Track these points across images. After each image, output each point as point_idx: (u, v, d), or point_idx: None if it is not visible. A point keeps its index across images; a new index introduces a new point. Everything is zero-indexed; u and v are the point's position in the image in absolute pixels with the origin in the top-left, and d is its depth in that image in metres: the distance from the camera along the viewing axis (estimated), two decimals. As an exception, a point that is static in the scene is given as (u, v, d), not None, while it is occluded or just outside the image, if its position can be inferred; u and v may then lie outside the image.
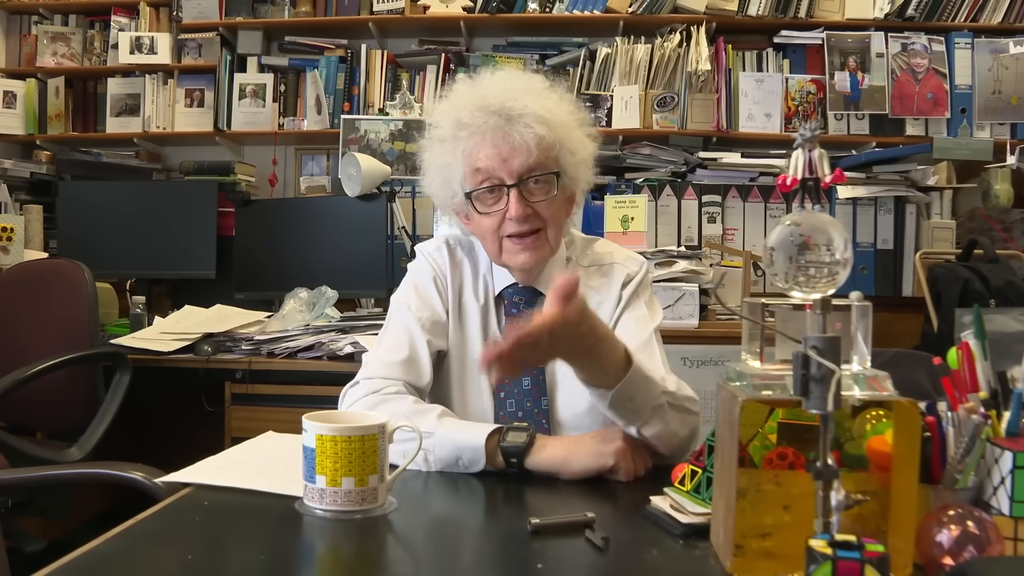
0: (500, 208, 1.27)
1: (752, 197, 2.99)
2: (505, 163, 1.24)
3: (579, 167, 1.30)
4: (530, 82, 1.30)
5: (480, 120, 1.24)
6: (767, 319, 0.79)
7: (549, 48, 3.21)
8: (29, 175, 3.20)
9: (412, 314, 1.33)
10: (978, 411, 0.82)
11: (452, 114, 1.28)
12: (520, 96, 1.25)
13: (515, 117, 1.23)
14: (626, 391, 1.10)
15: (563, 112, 1.29)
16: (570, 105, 1.32)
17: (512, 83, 1.28)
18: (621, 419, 1.13)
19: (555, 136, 1.25)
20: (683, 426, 1.18)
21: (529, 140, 1.23)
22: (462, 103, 1.28)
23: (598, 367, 1.09)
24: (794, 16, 3.07)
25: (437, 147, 1.32)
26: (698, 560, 0.81)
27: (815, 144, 0.77)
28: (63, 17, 3.40)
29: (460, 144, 1.27)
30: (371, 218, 2.79)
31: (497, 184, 1.26)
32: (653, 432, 1.13)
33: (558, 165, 1.27)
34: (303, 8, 3.24)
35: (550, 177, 1.26)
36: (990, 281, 2.45)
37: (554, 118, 1.26)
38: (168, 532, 0.90)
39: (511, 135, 1.23)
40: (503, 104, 1.24)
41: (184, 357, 2.44)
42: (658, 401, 1.13)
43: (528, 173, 1.24)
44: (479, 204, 1.28)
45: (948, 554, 0.73)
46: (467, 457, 1.13)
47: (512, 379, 1.31)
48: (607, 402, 1.10)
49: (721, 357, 2.41)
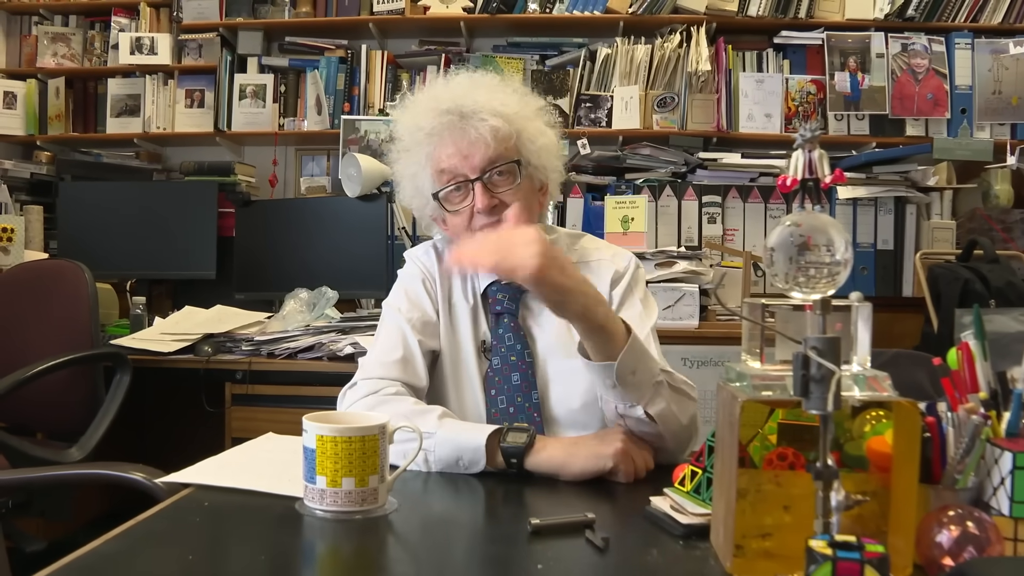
0: (468, 204, 1.29)
1: (752, 197, 2.99)
2: (466, 159, 1.27)
3: (541, 154, 1.32)
4: (482, 79, 1.33)
5: (435, 121, 1.28)
6: (767, 320, 0.79)
7: (549, 48, 3.21)
8: (29, 176, 3.21)
9: (403, 315, 1.35)
10: (978, 411, 0.82)
11: (410, 121, 1.33)
12: (471, 93, 1.28)
13: (468, 113, 1.26)
14: (629, 361, 1.10)
15: (517, 103, 1.31)
16: (526, 96, 1.34)
17: (463, 82, 1.32)
18: (625, 397, 1.13)
19: (512, 127, 1.28)
20: (682, 410, 1.18)
21: (485, 133, 1.25)
22: (417, 110, 1.32)
23: (603, 331, 1.09)
24: (794, 16, 3.07)
25: (403, 158, 1.35)
26: (698, 561, 0.81)
27: (815, 145, 0.77)
28: (63, 18, 3.40)
29: (422, 149, 1.31)
30: (371, 219, 2.79)
31: (461, 181, 1.28)
32: (657, 410, 1.14)
33: (518, 154, 1.29)
34: (303, 9, 3.24)
35: (511, 167, 1.28)
36: (990, 281, 2.45)
37: (508, 110, 1.28)
38: (169, 533, 0.90)
39: (467, 131, 1.26)
40: (455, 103, 1.27)
41: (184, 358, 2.44)
42: (658, 377, 1.15)
43: (489, 165, 1.26)
44: (447, 204, 1.31)
45: (948, 554, 0.73)
46: (467, 458, 1.13)
47: (502, 377, 1.32)
48: (613, 376, 1.10)
49: (721, 358, 2.41)
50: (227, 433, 2.38)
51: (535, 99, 1.36)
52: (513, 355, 1.32)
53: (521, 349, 1.32)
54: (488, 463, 1.13)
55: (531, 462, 1.12)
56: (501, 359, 1.32)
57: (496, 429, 1.15)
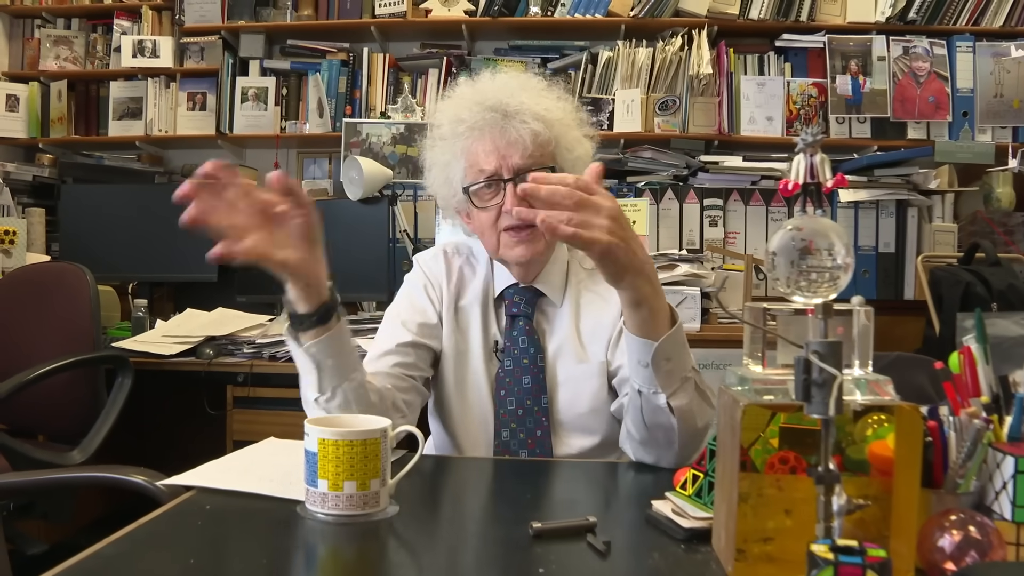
0: (497, 202, 1.29)
1: (754, 201, 2.99)
2: (503, 159, 1.27)
3: (576, 164, 1.31)
4: (528, 81, 1.34)
5: (478, 117, 1.28)
6: (769, 323, 0.79)
7: (551, 51, 3.22)
8: (31, 178, 3.21)
9: (399, 319, 1.37)
10: (980, 415, 0.82)
11: (452, 112, 1.32)
12: (517, 94, 1.28)
13: (511, 114, 1.26)
14: (667, 348, 1.07)
15: (560, 110, 1.31)
16: (568, 104, 1.34)
17: (510, 82, 1.32)
18: (653, 382, 1.10)
19: (551, 133, 1.28)
20: (701, 413, 1.15)
21: (525, 136, 1.25)
22: (461, 102, 1.32)
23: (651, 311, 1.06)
24: (795, 20, 3.07)
25: (439, 145, 1.35)
26: (699, 564, 0.81)
27: (817, 148, 0.77)
28: (66, 21, 3.41)
29: (460, 141, 1.31)
30: (373, 222, 2.79)
31: (495, 179, 1.28)
32: (680, 404, 1.11)
33: (554, 161, 1.29)
34: (305, 12, 3.25)
35: (546, 172, 1.27)
36: (992, 285, 2.45)
37: (550, 115, 1.28)
38: (170, 536, 0.90)
39: (508, 131, 1.26)
40: (500, 101, 1.27)
41: (186, 360, 2.44)
42: (688, 372, 1.12)
43: (524, 168, 1.26)
44: (477, 199, 1.31)
45: (950, 559, 0.73)
46: (293, 350, 1.15)
47: (512, 379, 1.32)
48: (649, 356, 1.07)
49: (723, 361, 2.41)
50: (228, 436, 2.38)
51: (576, 108, 1.36)
52: (525, 358, 1.32)
53: (534, 352, 1.32)
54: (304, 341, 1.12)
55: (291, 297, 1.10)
56: (513, 361, 1.32)
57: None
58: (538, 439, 1.31)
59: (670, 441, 1.14)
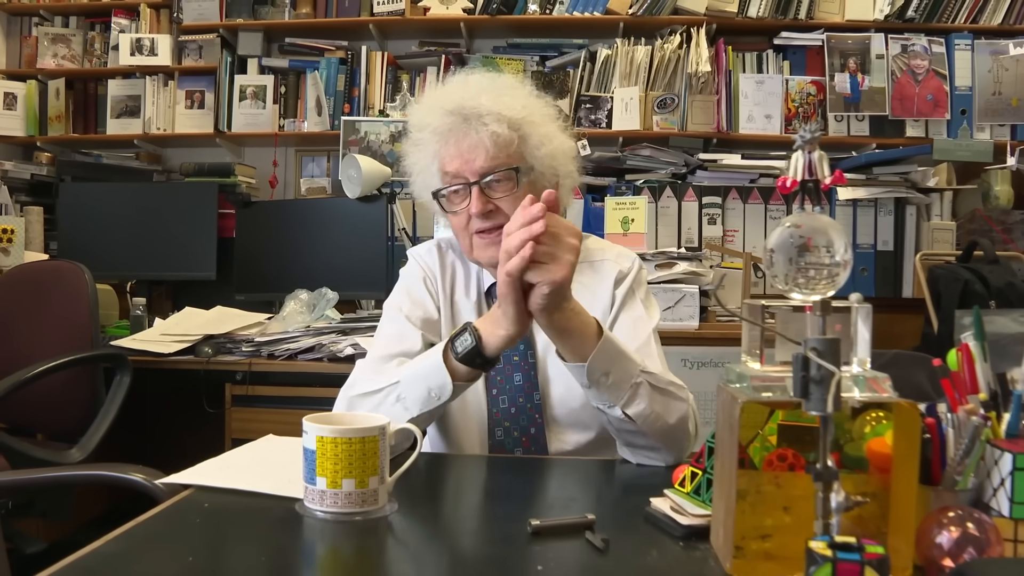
0: (466, 206, 1.28)
1: (752, 199, 2.99)
2: (467, 163, 1.26)
3: (546, 160, 1.30)
4: (495, 82, 1.31)
5: (439, 121, 1.28)
6: (767, 321, 0.79)
7: (549, 49, 3.21)
8: (29, 177, 3.21)
9: (403, 313, 1.35)
10: (978, 413, 0.82)
11: (419, 117, 1.33)
12: (476, 96, 1.27)
13: (471, 116, 1.25)
14: (601, 363, 1.11)
15: (523, 108, 1.28)
16: (534, 101, 1.32)
17: (473, 83, 1.30)
18: (603, 398, 1.14)
19: (514, 132, 1.26)
20: (668, 410, 1.16)
21: (485, 138, 1.24)
22: (428, 106, 1.32)
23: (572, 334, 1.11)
24: (794, 17, 3.07)
25: (413, 151, 1.36)
26: (698, 562, 0.81)
27: (815, 146, 0.77)
28: (64, 19, 3.40)
29: (429, 147, 1.31)
30: (371, 220, 2.79)
31: (461, 184, 1.28)
32: (637, 411, 1.13)
33: (520, 160, 1.27)
34: (303, 10, 3.25)
35: (510, 173, 1.27)
36: (990, 282, 2.45)
37: (512, 114, 1.26)
38: (169, 534, 0.90)
39: (469, 134, 1.25)
40: (460, 104, 1.27)
41: (184, 359, 2.44)
42: (636, 378, 1.14)
43: (489, 171, 1.26)
44: (446, 204, 1.31)
45: (948, 556, 0.73)
46: (435, 383, 1.14)
47: (504, 377, 1.32)
48: (584, 376, 1.11)
49: (721, 359, 2.41)
50: (227, 434, 2.38)
51: (546, 104, 1.34)
52: (516, 355, 1.32)
53: (524, 350, 1.32)
54: (455, 379, 1.13)
55: (491, 348, 1.12)
56: (504, 359, 1.32)
57: (444, 344, 1.15)
58: (532, 436, 1.31)
59: (650, 445, 1.17)
